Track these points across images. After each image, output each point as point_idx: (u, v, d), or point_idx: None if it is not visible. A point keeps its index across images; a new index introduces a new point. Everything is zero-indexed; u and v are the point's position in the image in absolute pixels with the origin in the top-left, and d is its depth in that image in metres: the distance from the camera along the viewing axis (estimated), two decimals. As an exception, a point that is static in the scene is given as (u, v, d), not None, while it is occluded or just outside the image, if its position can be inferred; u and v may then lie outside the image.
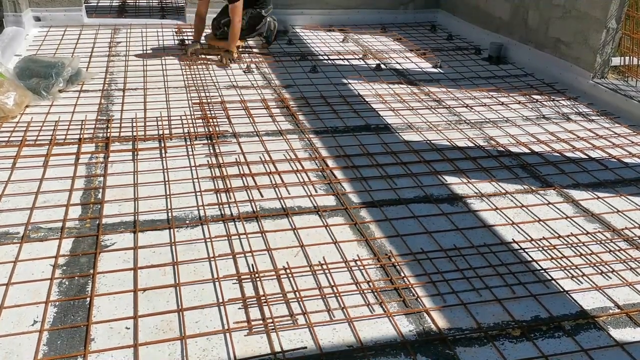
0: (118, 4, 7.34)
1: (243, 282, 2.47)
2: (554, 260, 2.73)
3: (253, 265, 2.58)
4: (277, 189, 3.23)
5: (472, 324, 2.31)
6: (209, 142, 3.73)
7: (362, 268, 2.60)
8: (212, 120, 4.05)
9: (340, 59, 5.67)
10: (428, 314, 2.35)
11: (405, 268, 2.63)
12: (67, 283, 2.41)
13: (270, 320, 2.25)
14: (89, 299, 2.32)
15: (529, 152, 3.85)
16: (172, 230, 2.79)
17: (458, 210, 3.13)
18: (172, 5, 7.44)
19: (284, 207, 3.06)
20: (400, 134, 4.03)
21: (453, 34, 6.71)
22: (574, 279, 2.61)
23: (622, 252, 2.83)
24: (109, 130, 3.81)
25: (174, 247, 2.67)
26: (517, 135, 4.08)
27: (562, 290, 2.53)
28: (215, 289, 2.42)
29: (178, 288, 2.42)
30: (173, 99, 4.41)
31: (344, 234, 2.86)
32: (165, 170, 3.35)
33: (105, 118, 4.01)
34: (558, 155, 3.82)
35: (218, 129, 3.92)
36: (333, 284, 2.48)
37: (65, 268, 2.50)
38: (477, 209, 3.14)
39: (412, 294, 2.46)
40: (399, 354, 2.14)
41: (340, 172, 3.46)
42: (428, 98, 4.75)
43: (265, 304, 2.34)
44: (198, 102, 4.38)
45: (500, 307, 2.42)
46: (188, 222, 2.88)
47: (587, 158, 3.81)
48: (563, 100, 4.82)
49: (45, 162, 3.38)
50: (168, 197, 3.08)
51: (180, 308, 2.30)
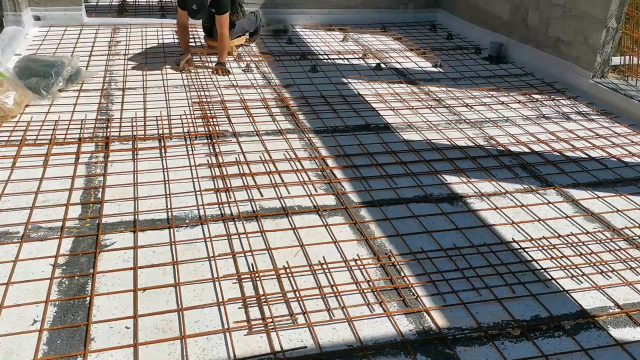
0: (118, 4, 7.34)
1: (243, 281, 2.47)
2: (554, 260, 2.73)
3: (253, 265, 2.58)
4: (277, 189, 3.23)
5: (472, 324, 2.31)
6: (209, 141, 3.73)
7: (362, 267, 2.60)
8: (212, 120, 4.04)
9: (340, 59, 5.67)
10: (428, 314, 2.35)
11: (405, 267, 2.63)
12: (67, 282, 2.41)
13: (270, 320, 2.25)
14: (89, 299, 2.32)
15: (529, 151, 3.85)
16: (172, 230, 2.79)
17: (458, 210, 3.13)
18: (172, 5, 7.42)
19: (284, 206, 3.06)
20: (400, 134, 4.03)
21: (453, 34, 6.70)
22: (574, 279, 2.61)
23: (622, 251, 2.83)
24: (109, 130, 3.81)
25: (174, 246, 2.67)
26: (517, 135, 4.08)
27: (562, 290, 2.53)
28: (215, 289, 2.42)
29: (178, 288, 2.42)
30: (173, 99, 4.40)
31: (344, 234, 2.86)
32: (165, 170, 3.35)
33: (105, 117, 4.01)
34: (558, 155, 3.82)
35: (218, 129, 3.92)
36: (333, 284, 2.48)
37: (65, 267, 2.50)
38: (477, 209, 3.14)
39: (412, 294, 2.46)
40: (399, 354, 2.14)
41: (340, 171, 3.46)
42: (428, 97, 4.75)
43: (265, 304, 2.34)
44: (198, 101, 4.38)
45: (500, 306, 2.42)
46: (188, 221, 2.88)
47: (587, 157, 3.81)
48: (563, 100, 4.81)
49: (45, 161, 3.38)
50: (168, 196, 3.08)
51: (180, 308, 2.30)
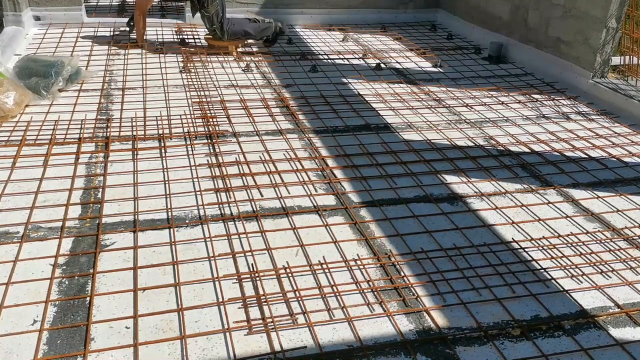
0: (118, 4, 7.33)
1: (243, 281, 2.47)
2: (554, 260, 2.73)
3: (253, 265, 2.58)
4: (277, 189, 3.22)
5: (472, 324, 2.31)
6: (209, 141, 3.73)
7: (362, 267, 2.60)
8: (211, 120, 4.04)
9: (340, 59, 5.67)
10: (428, 314, 2.35)
11: (405, 267, 2.63)
12: (67, 282, 2.41)
13: (270, 320, 2.25)
14: (89, 299, 2.32)
15: (529, 151, 3.85)
16: (172, 230, 2.79)
17: (458, 210, 3.12)
18: (171, 5, 7.42)
19: (284, 206, 3.06)
20: (400, 134, 4.03)
21: (453, 34, 6.70)
22: (574, 279, 2.61)
23: (621, 251, 2.83)
24: (109, 130, 3.81)
25: (174, 246, 2.67)
26: (517, 135, 4.08)
27: (562, 290, 2.53)
28: (215, 289, 2.42)
29: (178, 287, 2.42)
30: (173, 98, 4.40)
31: (344, 234, 2.86)
32: (165, 170, 3.35)
33: (105, 117, 4.00)
34: (558, 155, 3.82)
35: (218, 129, 3.92)
36: (333, 284, 2.48)
37: (65, 267, 2.50)
38: (477, 209, 3.14)
39: (412, 294, 2.46)
40: (399, 354, 2.14)
41: (340, 171, 3.46)
42: (428, 97, 4.75)
43: (265, 304, 2.34)
44: (198, 101, 4.38)
45: (500, 306, 2.42)
46: (188, 221, 2.88)
47: (587, 157, 3.81)
48: (563, 100, 4.81)
49: (45, 161, 3.38)
50: (168, 196, 3.08)
51: (180, 307, 2.30)
